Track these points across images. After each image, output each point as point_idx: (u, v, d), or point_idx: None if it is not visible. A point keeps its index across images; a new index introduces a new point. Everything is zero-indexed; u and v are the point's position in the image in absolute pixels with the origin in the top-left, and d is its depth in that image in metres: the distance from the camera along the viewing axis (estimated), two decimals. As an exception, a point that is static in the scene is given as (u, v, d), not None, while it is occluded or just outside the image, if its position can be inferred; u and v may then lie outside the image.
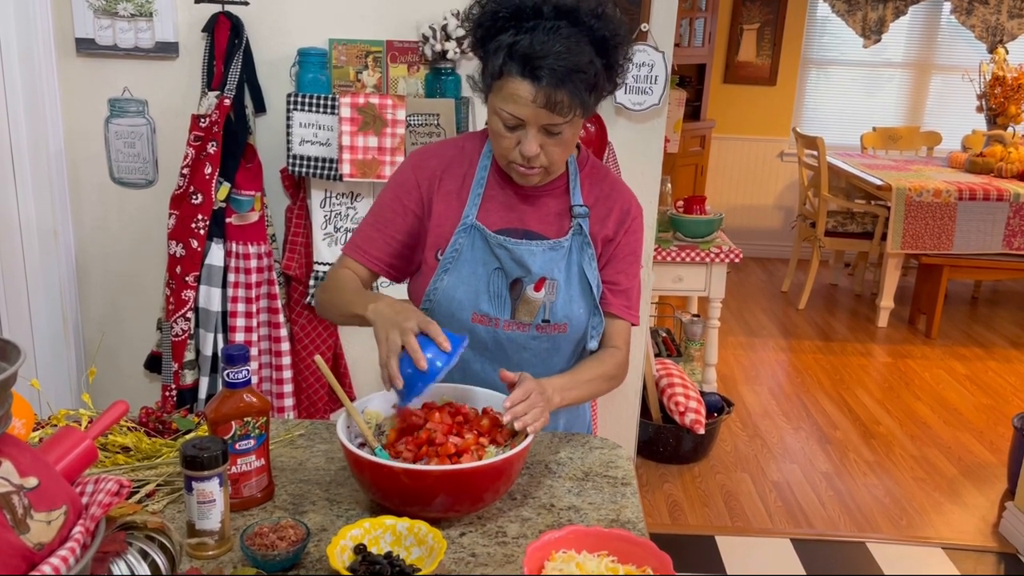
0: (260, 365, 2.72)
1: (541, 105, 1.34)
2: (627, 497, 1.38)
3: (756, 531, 3.01)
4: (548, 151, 1.41)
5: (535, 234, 1.52)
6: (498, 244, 1.49)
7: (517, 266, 1.50)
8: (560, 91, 1.32)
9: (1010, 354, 4.80)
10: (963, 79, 5.70)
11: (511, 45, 1.33)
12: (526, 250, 1.49)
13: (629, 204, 1.58)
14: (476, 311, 1.51)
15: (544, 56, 1.31)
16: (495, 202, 1.53)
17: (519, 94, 1.34)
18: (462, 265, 1.51)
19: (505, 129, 1.40)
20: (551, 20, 1.33)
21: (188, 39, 2.58)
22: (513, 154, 1.42)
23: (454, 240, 1.51)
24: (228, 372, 1.27)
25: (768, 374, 4.41)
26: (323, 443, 1.53)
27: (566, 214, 1.54)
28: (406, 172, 1.56)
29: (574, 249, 1.52)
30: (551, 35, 1.32)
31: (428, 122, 2.56)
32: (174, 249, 2.55)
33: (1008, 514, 3.01)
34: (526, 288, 1.50)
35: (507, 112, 1.37)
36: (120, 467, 1.33)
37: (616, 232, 1.56)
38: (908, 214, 4.74)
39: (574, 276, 1.52)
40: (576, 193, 1.54)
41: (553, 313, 1.52)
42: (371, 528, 1.18)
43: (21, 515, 0.82)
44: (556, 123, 1.37)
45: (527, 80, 1.33)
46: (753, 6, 6.19)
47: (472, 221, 1.51)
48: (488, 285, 1.51)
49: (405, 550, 1.17)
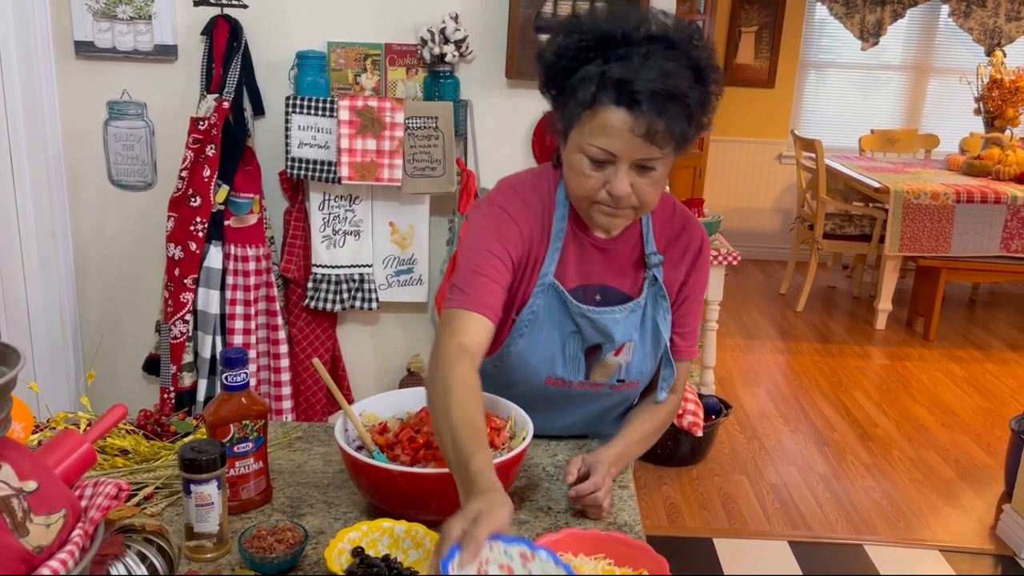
0: (258, 367, 2.72)
1: (639, 135, 1.22)
2: (624, 500, 1.39)
3: (754, 533, 3.01)
4: (639, 190, 1.29)
5: (611, 290, 1.44)
6: (579, 313, 1.40)
7: (599, 334, 1.41)
8: (659, 120, 1.20)
9: (1007, 356, 4.81)
10: (961, 82, 5.70)
11: (603, 73, 1.22)
12: (610, 318, 1.40)
13: (700, 242, 1.48)
14: (551, 375, 1.44)
15: (645, 79, 1.19)
16: (569, 254, 1.41)
17: (613, 124, 1.22)
18: (538, 329, 1.41)
19: (591, 167, 1.28)
20: (643, 46, 1.22)
21: (187, 42, 2.59)
22: (600, 194, 1.29)
23: (532, 301, 1.39)
24: (227, 375, 1.27)
25: (766, 376, 4.41)
26: (321, 446, 1.53)
27: (640, 263, 1.44)
28: (508, 223, 1.37)
29: (648, 303, 1.44)
30: (646, 60, 1.21)
31: (427, 125, 2.56)
32: (172, 251, 2.56)
33: (1005, 516, 3.01)
34: (606, 354, 1.43)
35: (597, 146, 1.25)
36: (119, 470, 1.34)
37: (688, 274, 1.47)
38: (906, 216, 4.74)
39: (648, 332, 1.45)
40: (650, 239, 1.43)
41: (628, 373, 1.46)
42: (369, 531, 1.18)
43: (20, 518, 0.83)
44: (651, 157, 1.25)
45: (623, 108, 1.21)
46: (751, 8, 6.20)
47: (550, 280, 1.39)
48: (564, 349, 1.42)
49: (403, 553, 1.18)
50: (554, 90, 1.31)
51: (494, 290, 1.32)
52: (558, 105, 1.32)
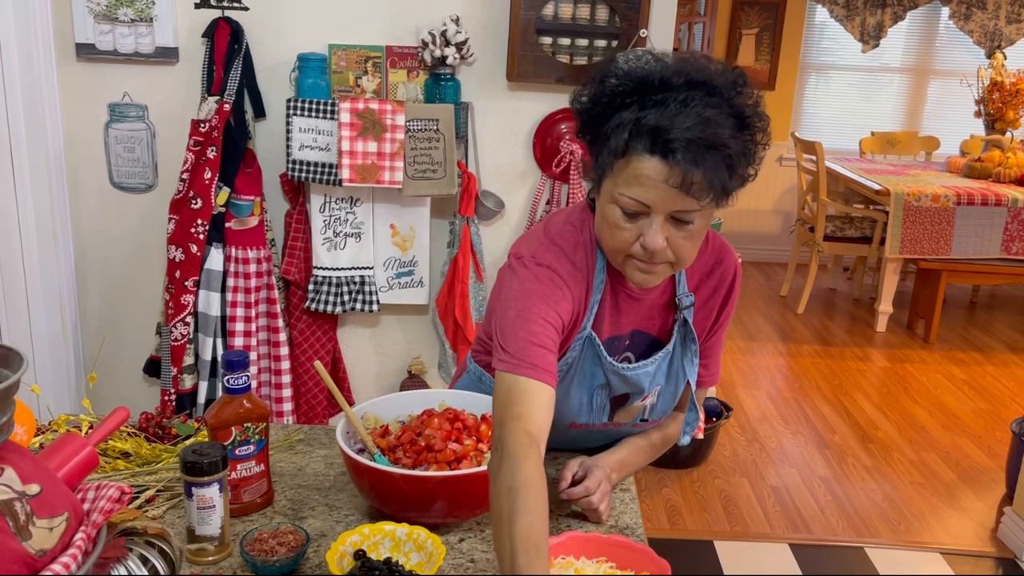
0: (259, 370, 2.72)
1: (674, 185, 1.14)
2: (626, 503, 1.39)
3: (754, 536, 3.01)
4: (675, 245, 1.21)
5: (639, 333, 1.39)
6: (613, 371, 1.36)
7: (628, 387, 1.38)
8: (696, 170, 1.13)
9: (1008, 359, 4.81)
10: (961, 84, 5.71)
11: (637, 120, 1.15)
12: (643, 373, 1.37)
13: (733, 277, 1.41)
14: (575, 421, 1.42)
15: (679, 127, 1.12)
16: (607, 307, 1.36)
17: (647, 174, 1.15)
18: (570, 380, 1.37)
19: (624, 219, 1.20)
20: (682, 91, 1.15)
21: (188, 44, 2.59)
22: (634, 248, 1.22)
23: (568, 353, 1.34)
24: (228, 378, 1.27)
25: (767, 378, 4.41)
26: (322, 448, 1.53)
27: (670, 306, 1.38)
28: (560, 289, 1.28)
29: (677, 346, 1.39)
30: (684, 107, 1.14)
31: (427, 127, 2.56)
32: (173, 254, 2.56)
33: (1006, 519, 3.01)
34: (633, 401, 1.41)
35: (630, 197, 1.17)
36: (120, 472, 1.34)
37: (720, 313, 1.42)
38: (906, 219, 4.74)
39: (674, 376, 1.41)
40: (682, 279, 1.37)
41: (652, 413, 1.44)
42: (370, 534, 1.18)
43: (23, 522, 0.83)
44: (688, 210, 1.17)
45: (656, 156, 1.14)
46: (752, 11, 6.21)
47: (588, 332, 1.34)
48: (592, 399, 1.39)
49: (404, 556, 1.18)
50: (588, 136, 1.25)
51: (551, 360, 1.23)
52: (592, 152, 1.25)
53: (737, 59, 6.27)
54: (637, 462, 1.45)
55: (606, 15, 2.60)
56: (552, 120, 2.68)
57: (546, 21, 2.58)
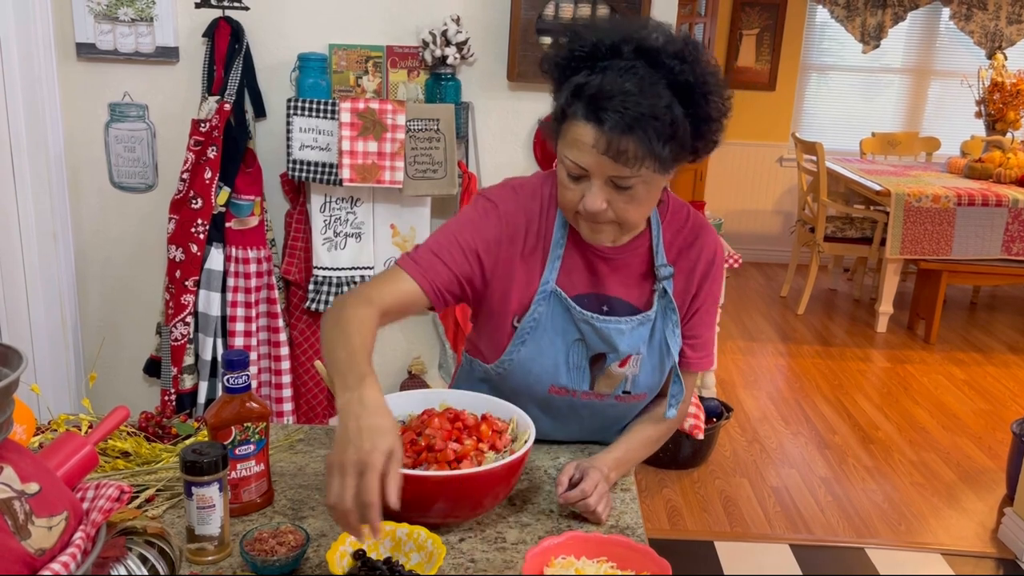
0: (259, 370, 2.72)
1: (603, 152, 1.19)
2: (626, 503, 1.38)
3: (755, 536, 3.00)
4: (616, 208, 1.26)
5: (617, 301, 1.41)
6: (583, 319, 1.38)
7: (603, 343, 1.39)
8: (626, 138, 1.17)
9: (1009, 359, 4.80)
10: (962, 85, 5.70)
11: (580, 85, 1.20)
12: (615, 328, 1.38)
13: (713, 252, 1.44)
14: (554, 384, 1.43)
15: (611, 97, 1.16)
16: (574, 263, 1.39)
17: (582, 139, 1.21)
18: (540, 335, 1.39)
19: (569, 179, 1.27)
20: (628, 60, 1.19)
21: (188, 44, 2.59)
22: (579, 207, 1.28)
23: (533, 308, 1.38)
24: (228, 377, 1.27)
25: (767, 379, 4.41)
26: (323, 448, 1.53)
27: (649, 275, 1.41)
28: (491, 219, 1.38)
29: (658, 316, 1.41)
30: (623, 75, 1.18)
31: (428, 127, 2.56)
32: (174, 253, 2.56)
33: (1007, 520, 3.01)
34: (610, 364, 1.41)
35: (569, 160, 1.24)
36: (120, 472, 1.33)
37: (700, 285, 1.44)
38: (907, 219, 4.74)
39: (656, 346, 1.42)
40: (660, 251, 1.40)
41: (635, 385, 1.44)
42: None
43: (22, 521, 0.83)
44: (623, 176, 1.21)
45: (590, 124, 1.19)
46: (752, 11, 6.20)
47: (552, 287, 1.38)
48: (567, 357, 1.40)
49: (404, 555, 1.17)
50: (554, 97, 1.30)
51: (441, 271, 1.33)
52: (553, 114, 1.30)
53: (737, 60, 6.28)
54: (635, 458, 1.44)
55: (606, 15, 2.60)
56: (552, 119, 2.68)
57: (547, 21, 2.58)
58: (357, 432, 1.05)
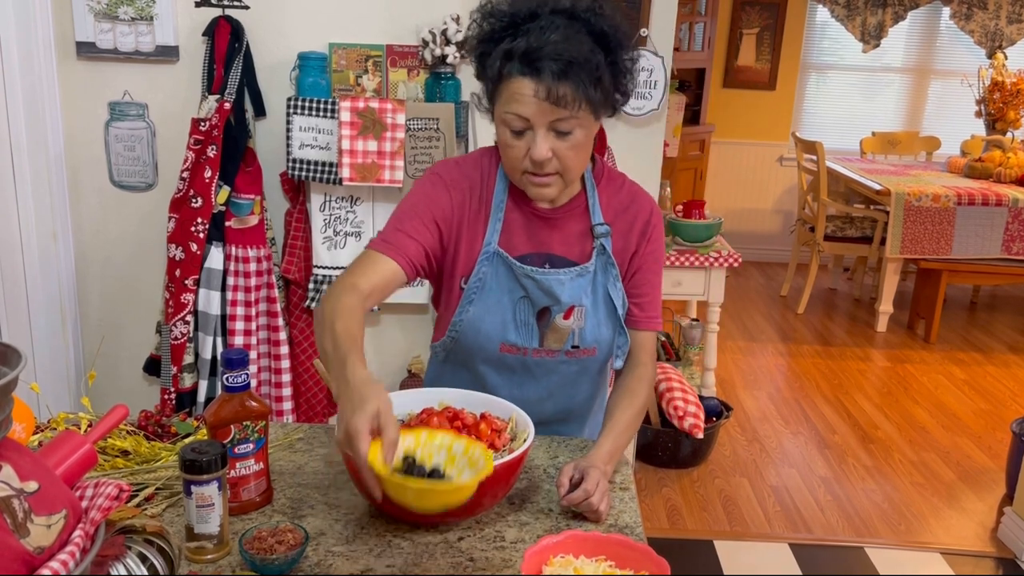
0: (259, 369, 2.72)
1: (544, 99, 1.30)
2: (625, 502, 1.38)
3: (754, 536, 3.01)
4: (560, 155, 1.37)
5: (559, 258, 1.49)
6: (524, 274, 1.46)
7: (545, 296, 1.47)
8: (563, 83, 1.30)
9: (1008, 359, 4.80)
10: (962, 84, 5.71)
11: (509, 49, 1.32)
12: (555, 280, 1.46)
13: (649, 212, 1.54)
14: (504, 342, 1.49)
15: (542, 48, 1.29)
16: (516, 225, 1.49)
17: (522, 92, 1.32)
18: (487, 295, 1.48)
19: (512, 136, 1.37)
20: (547, 19, 1.32)
21: (188, 43, 2.59)
22: (524, 163, 1.38)
23: (477, 269, 1.47)
24: (227, 376, 1.27)
25: (767, 378, 4.41)
26: (322, 447, 1.53)
27: (588, 234, 1.50)
28: (440, 189, 1.48)
29: (599, 271, 1.50)
30: (547, 31, 1.30)
31: (428, 126, 2.56)
32: (173, 252, 2.56)
33: (1006, 519, 3.01)
34: (555, 317, 1.47)
35: (512, 113, 1.34)
36: (119, 471, 1.34)
37: (639, 244, 1.53)
38: (907, 219, 4.74)
39: (600, 299, 1.50)
40: (596, 211, 1.50)
41: (582, 339, 1.50)
42: (427, 440, 1.23)
43: (21, 519, 0.83)
44: (563, 118, 1.33)
45: (528, 77, 1.31)
46: (752, 11, 6.20)
47: (494, 248, 1.47)
48: (515, 315, 1.48)
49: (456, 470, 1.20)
50: (480, 72, 1.41)
51: (410, 244, 1.43)
52: (484, 86, 1.41)
53: (738, 59, 6.28)
54: (623, 444, 1.47)
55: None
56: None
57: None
58: (345, 409, 1.12)
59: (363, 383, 1.14)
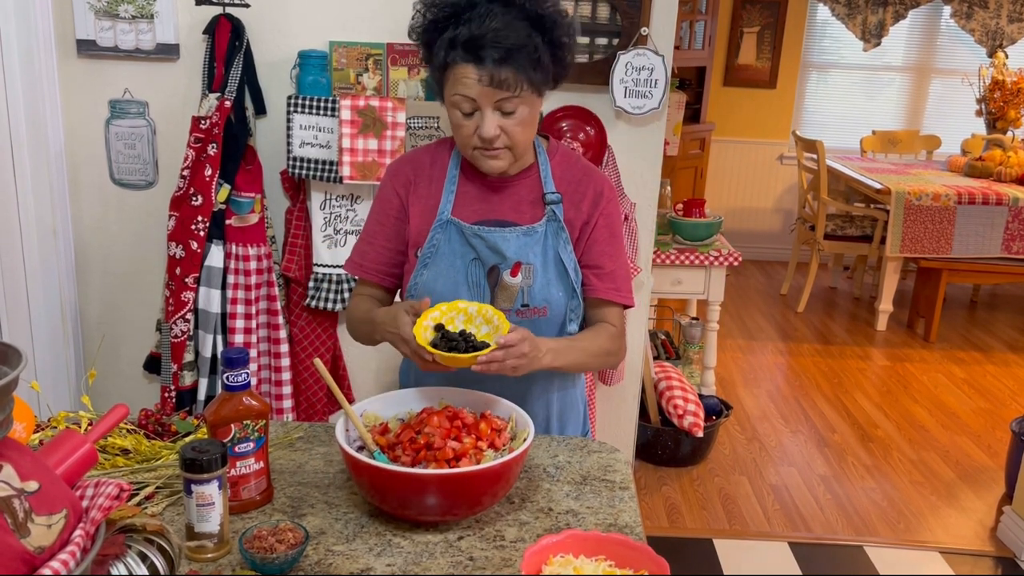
0: (259, 367, 2.72)
1: (487, 84, 1.40)
2: (625, 501, 1.39)
3: (754, 534, 3.01)
4: (508, 132, 1.46)
5: (509, 223, 1.57)
6: (473, 234, 1.55)
7: (492, 253, 1.55)
8: (504, 68, 1.39)
9: (1008, 358, 4.81)
10: (963, 83, 5.70)
11: (452, 38, 1.41)
12: (499, 236, 1.54)
13: (602, 187, 1.61)
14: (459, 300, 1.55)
15: (483, 36, 1.38)
16: (469, 196, 1.59)
17: (467, 77, 1.41)
18: (440, 259, 1.57)
19: (462, 116, 1.46)
20: (485, 7, 1.40)
21: (189, 41, 2.59)
22: (474, 140, 1.47)
23: (431, 236, 1.57)
24: (228, 375, 1.27)
25: (767, 377, 4.41)
26: (322, 446, 1.53)
27: (539, 202, 1.58)
28: (384, 183, 1.64)
29: (549, 234, 1.57)
30: (486, 19, 1.39)
31: (428, 125, 2.56)
32: (174, 250, 2.56)
33: (1006, 518, 3.01)
34: (503, 274, 1.54)
35: (459, 95, 1.43)
36: (119, 469, 1.34)
37: (591, 214, 1.59)
38: (907, 218, 4.74)
39: (550, 261, 1.56)
40: (548, 181, 1.59)
41: (532, 297, 1.56)
42: (447, 311, 1.43)
43: (22, 519, 0.83)
44: (506, 98, 1.42)
45: (470, 64, 1.40)
46: (753, 9, 6.20)
47: (448, 216, 1.57)
48: (467, 276, 1.56)
49: (476, 328, 1.42)
50: (427, 60, 1.50)
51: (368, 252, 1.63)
52: (432, 73, 1.50)
53: (738, 57, 6.27)
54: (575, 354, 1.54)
55: (607, 13, 2.60)
56: (552, 118, 2.68)
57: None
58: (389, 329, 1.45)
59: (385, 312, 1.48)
